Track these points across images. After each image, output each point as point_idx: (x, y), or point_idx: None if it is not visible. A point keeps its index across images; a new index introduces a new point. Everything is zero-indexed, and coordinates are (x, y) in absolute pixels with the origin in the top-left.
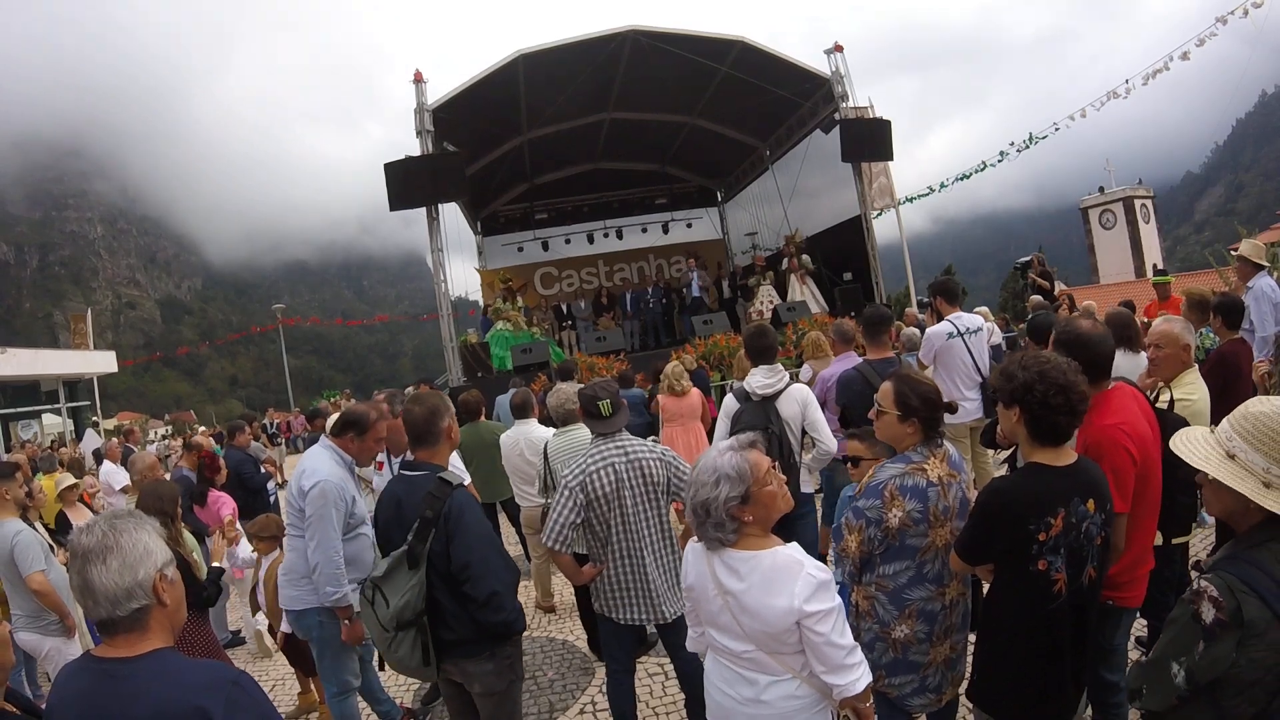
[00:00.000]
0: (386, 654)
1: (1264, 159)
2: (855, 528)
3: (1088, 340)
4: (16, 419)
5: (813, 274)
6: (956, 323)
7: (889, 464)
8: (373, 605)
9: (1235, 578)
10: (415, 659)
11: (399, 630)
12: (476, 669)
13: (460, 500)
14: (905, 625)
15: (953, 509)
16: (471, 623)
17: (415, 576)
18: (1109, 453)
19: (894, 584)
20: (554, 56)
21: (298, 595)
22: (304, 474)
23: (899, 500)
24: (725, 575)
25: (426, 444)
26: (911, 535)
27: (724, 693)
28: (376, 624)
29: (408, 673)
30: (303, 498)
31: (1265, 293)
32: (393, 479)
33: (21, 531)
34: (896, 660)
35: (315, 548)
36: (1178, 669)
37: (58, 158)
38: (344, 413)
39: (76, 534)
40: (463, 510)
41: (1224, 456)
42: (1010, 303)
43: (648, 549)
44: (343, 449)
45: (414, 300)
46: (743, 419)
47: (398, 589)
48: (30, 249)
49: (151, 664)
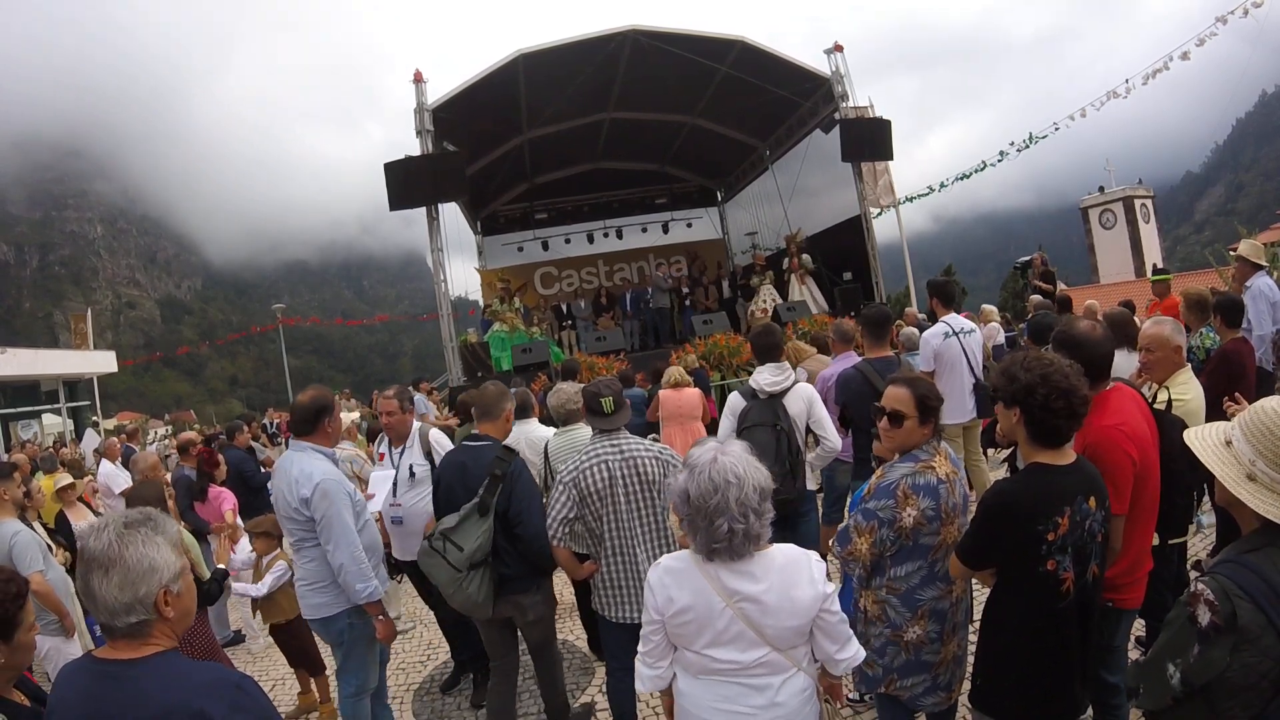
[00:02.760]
0: (454, 594)
1: (1264, 159)
2: (866, 530)
3: (1084, 341)
4: (16, 419)
5: (813, 274)
6: (951, 324)
7: (898, 463)
8: (443, 554)
9: (1231, 582)
10: (482, 594)
11: (470, 570)
12: (528, 600)
13: (519, 464)
14: (918, 626)
15: (959, 505)
16: (523, 561)
17: (485, 523)
18: (1108, 453)
19: (906, 585)
20: (554, 56)
21: (323, 602)
22: (296, 483)
23: (913, 499)
24: (739, 582)
25: (490, 419)
26: (925, 534)
27: (726, 711)
28: (447, 568)
29: (469, 609)
30: (306, 505)
31: (1263, 292)
32: (455, 449)
33: (20, 532)
34: (909, 662)
35: (336, 549)
36: (1173, 670)
37: (58, 158)
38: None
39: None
40: (521, 471)
41: (1222, 444)
42: (1010, 303)
43: (641, 547)
44: (319, 442)
45: (414, 300)
46: (750, 416)
47: (469, 535)
48: (30, 249)
49: (154, 666)
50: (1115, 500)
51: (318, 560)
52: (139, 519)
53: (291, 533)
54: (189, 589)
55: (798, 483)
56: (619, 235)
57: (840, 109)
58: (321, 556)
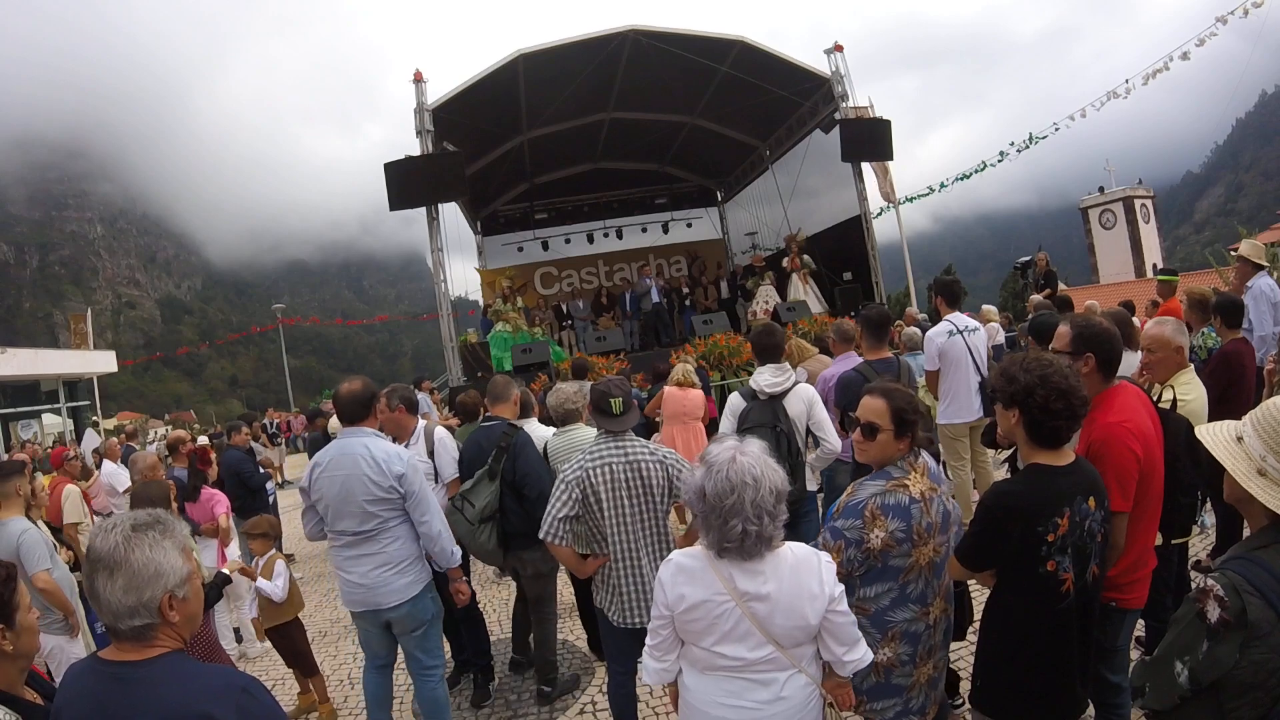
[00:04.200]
0: (472, 544)
1: (1264, 159)
2: (834, 548)
3: (1111, 336)
4: (16, 419)
5: (813, 274)
6: (955, 322)
7: (868, 481)
8: (462, 510)
9: (1241, 577)
10: (492, 543)
11: (481, 523)
12: (529, 556)
13: (523, 437)
14: (888, 649)
15: (935, 524)
16: (527, 519)
17: (493, 486)
18: (1112, 449)
19: (875, 606)
20: (554, 56)
21: (409, 581)
22: (385, 463)
23: (880, 520)
24: (750, 581)
25: (501, 402)
26: (894, 556)
27: (731, 706)
28: (465, 522)
29: (484, 557)
30: (402, 482)
31: (1264, 292)
32: (475, 430)
33: (27, 530)
34: (879, 685)
35: (432, 518)
36: (1181, 668)
37: (58, 158)
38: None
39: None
40: (525, 442)
41: (1233, 439)
42: (1010, 303)
43: (644, 552)
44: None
45: (414, 300)
46: (750, 417)
47: (481, 495)
48: (30, 249)
49: (160, 669)
50: (1120, 497)
51: (402, 539)
52: (148, 521)
53: (374, 516)
54: (196, 594)
55: (797, 484)
56: (619, 235)
57: (840, 109)
58: (407, 535)
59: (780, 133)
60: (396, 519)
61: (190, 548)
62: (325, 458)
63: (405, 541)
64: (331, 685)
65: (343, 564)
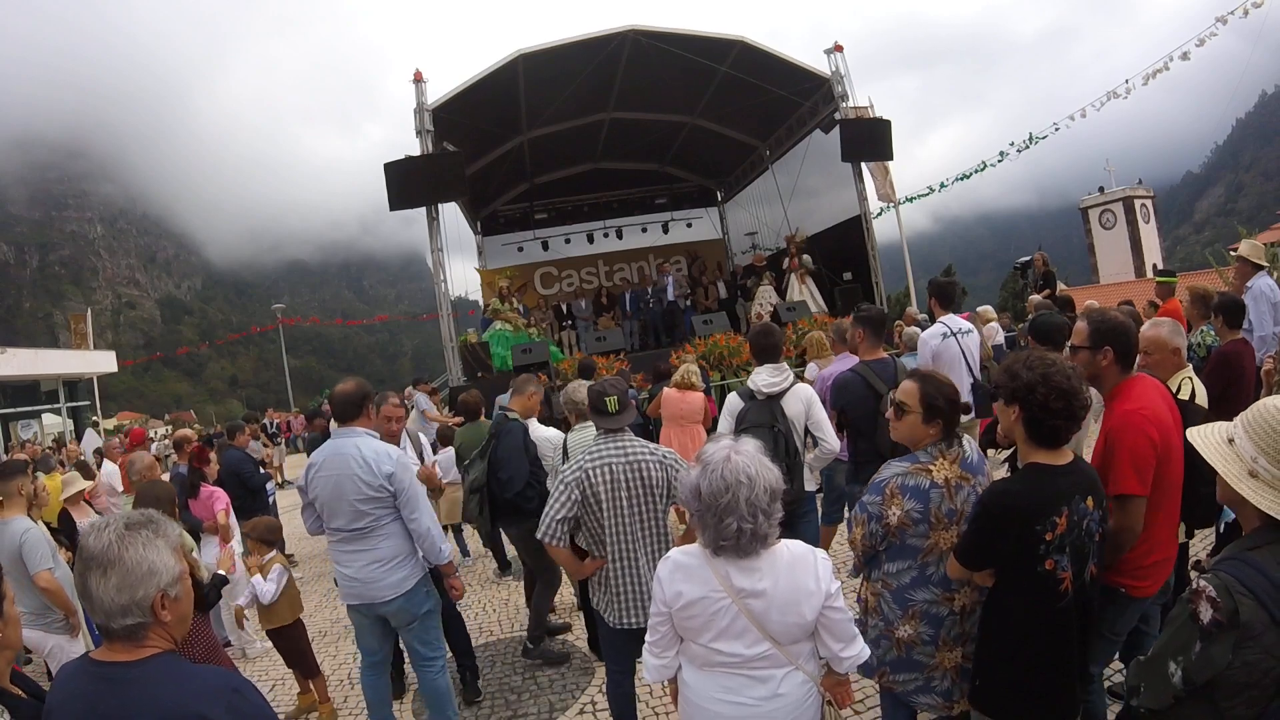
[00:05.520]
0: (467, 512)
1: (1264, 159)
2: (860, 520)
3: (1128, 328)
4: (16, 419)
5: (813, 274)
6: (949, 324)
7: (894, 462)
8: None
9: (1233, 578)
10: (479, 511)
11: (472, 494)
12: (512, 532)
13: (511, 425)
14: (909, 625)
15: (959, 512)
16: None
17: (482, 464)
18: (1129, 435)
19: (897, 583)
20: (554, 56)
21: (404, 575)
22: (375, 462)
23: (898, 499)
24: (746, 578)
25: (517, 394)
26: (911, 535)
27: (727, 702)
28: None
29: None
30: (391, 480)
31: (1264, 292)
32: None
33: (30, 529)
34: (900, 658)
35: (421, 516)
36: (1175, 668)
37: (58, 158)
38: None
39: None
40: (510, 430)
41: (1224, 441)
42: (1010, 303)
43: (643, 552)
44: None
45: (414, 300)
46: (748, 417)
47: (475, 470)
48: (30, 249)
49: (152, 669)
50: (1137, 482)
51: (395, 536)
52: (140, 521)
53: (365, 514)
54: (187, 594)
55: (795, 484)
56: (619, 235)
57: (840, 109)
58: (399, 532)
59: (780, 133)
60: (388, 517)
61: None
62: (320, 457)
63: (397, 539)
64: (331, 685)
65: (339, 559)
